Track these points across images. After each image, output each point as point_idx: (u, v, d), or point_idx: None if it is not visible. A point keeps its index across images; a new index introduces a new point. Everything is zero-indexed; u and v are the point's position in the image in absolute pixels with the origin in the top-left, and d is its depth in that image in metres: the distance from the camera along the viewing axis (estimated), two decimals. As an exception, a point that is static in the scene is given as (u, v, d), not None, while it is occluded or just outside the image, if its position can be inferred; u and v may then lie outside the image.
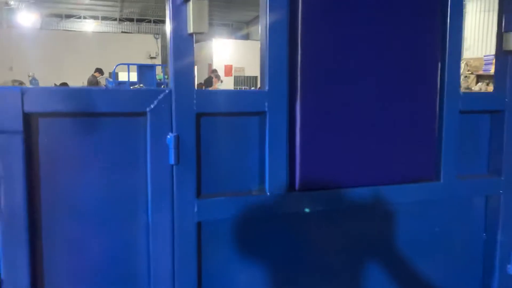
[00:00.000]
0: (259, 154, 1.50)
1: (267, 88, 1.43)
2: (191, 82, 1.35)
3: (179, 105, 1.33)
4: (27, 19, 19.12)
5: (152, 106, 1.31)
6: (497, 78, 1.79)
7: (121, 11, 21.85)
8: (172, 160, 1.33)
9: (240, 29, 24.16)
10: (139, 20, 23.14)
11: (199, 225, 1.41)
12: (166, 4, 1.33)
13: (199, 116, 1.38)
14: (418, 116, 1.64)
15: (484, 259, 1.86)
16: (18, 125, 1.20)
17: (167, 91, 1.33)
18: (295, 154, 1.49)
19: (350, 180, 1.56)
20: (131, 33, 22.43)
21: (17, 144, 1.20)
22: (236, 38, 21.98)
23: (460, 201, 1.80)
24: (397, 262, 1.73)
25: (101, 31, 21.94)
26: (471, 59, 12.29)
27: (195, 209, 1.38)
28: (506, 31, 1.73)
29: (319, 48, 1.48)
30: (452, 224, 1.81)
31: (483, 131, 1.83)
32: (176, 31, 1.31)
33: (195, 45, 1.37)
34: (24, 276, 1.24)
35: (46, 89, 1.24)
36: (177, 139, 1.33)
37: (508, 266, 1.82)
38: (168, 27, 1.32)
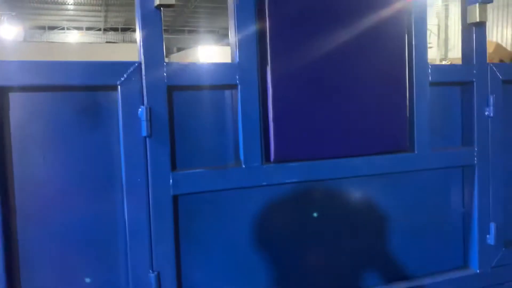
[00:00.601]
0: (233, 128, 1.51)
1: (237, 60, 1.45)
2: (160, 55, 1.36)
3: (149, 77, 1.35)
4: (9, 32, 18.98)
5: (122, 79, 1.32)
6: (465, 50, 1.84)
7: (105, 20, 21.80)
8: (144, 132, 1.34)
9: (226, 36, 24.16)
10: (124, 30, 23.11)
11: (175, 198, 1.42)
12: (133, -23, 1.35)
13: (171, 89, 1.40)
14: (388, 88, 1.67)
15: (464, 231, 1.89)
16: None
17: (136, 64, 1.34)
18: (269, 126, 1.51)
19: (325, 151, 1.59)
20: (116, 42, 22.37)
21: None
22: (222, 45, 22.01)
23: (436, 172, 1.83)
24: (375, 233, 1.75)
25: (85, 41, 21.85)
26: (455, 59, 12.46)
27: (170, 182, 1.39)
28: (469, 4, 1.78)
29: (288, 18, 1.50)
30: (430, 197, 1.84)
31: (454, 103, 1.87)
32: (143, 3, 1.33)
33: (181, 52, 1.38)
34: None
35: (16, 63, 1.25)
36: (149, 111, 1.34)
37: (488, 236, 1.85)
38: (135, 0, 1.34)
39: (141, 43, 1.34)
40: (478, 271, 1.84)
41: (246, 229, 1.55)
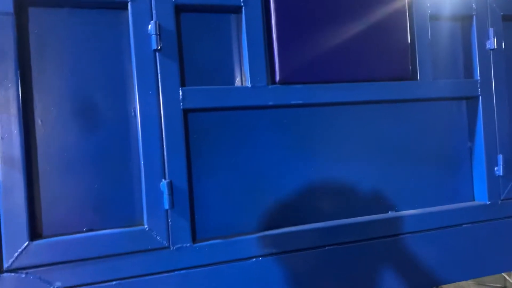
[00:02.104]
0: (238, 49, 1.58)
1: None
2: None
3: None
4: None
5: None
6: None
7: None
8: (154, 45, 1.41)
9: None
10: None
11: (185, 112, 1.48)
12: None
13: (178, 8, 1.47)
14: (390, 18, 1.72)
15: (472, 164, 1.91)
16: (8, 7, 1.29)
17: None
18: (273, 47, 1.57)
19: (329, 75, 1.64)
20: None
21: (7, 26, 1.29)
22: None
23: (440, 104, 1.86)
24: (379, 162, 1.78)
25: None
26: None
27: (180, 97, 1.46)
28: None
29: None
30: (435, 129, 1.87)
31: (455, 38, 1.91)
32: None
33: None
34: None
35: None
36: (158, 25, 1.42)
37: (496, 168, 1.86)
38: None
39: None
40: (488, 202, 1.84)
41: (252, 151, 1.60)
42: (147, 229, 1.40)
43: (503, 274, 5.30)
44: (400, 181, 1.80)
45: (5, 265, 1.26)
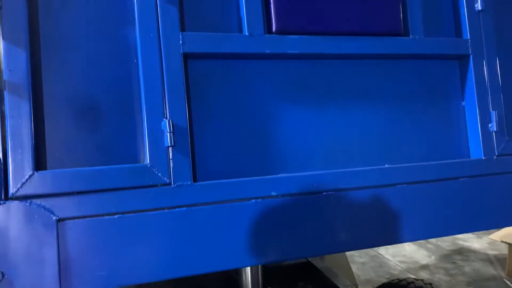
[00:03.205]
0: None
1: None
2: None
3: None
4: None
5: None
6: None
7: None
8: None
9: None
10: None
11: (185, 57, 1.54)
12: None
13: None
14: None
15: (466, 121, 1.95)
16: None
17: None
18: (269, -2, 1.64)
19: (325, 27, 1.71)
20: None
21: None
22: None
23: (433, 63, 1.92)
24: (374, 117, 1.82)
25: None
26: None
27: (180, 41, 1.52)
28: None
29: None
30: (429, 87, 1.92)
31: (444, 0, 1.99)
32: None
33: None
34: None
35: None
36: None
37: (490, 124, 1.91)
38: None
39: None
40: (483, 158, 1.88)
41: (252, 99, 1.65)
42: (149, 165, 1.44)
43: (504, 280, 5.25)
44: (395, 136, 1.84)
45: (10, 192, 1.30)
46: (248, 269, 2.34)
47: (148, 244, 1.42)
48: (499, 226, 1.94)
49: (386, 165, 1.78)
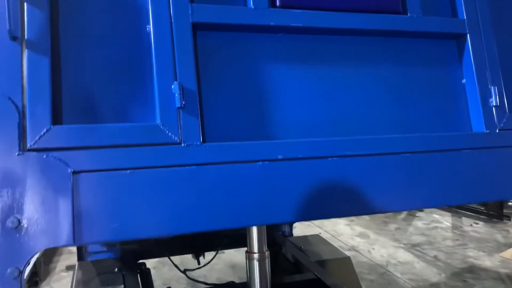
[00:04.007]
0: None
1: None
2: None
3: None
4: None
5: None
6: None
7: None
8: None
9: None
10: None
11: (194, 26, 1.62)
12: None
13: None
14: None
15: (467, 98, 2.01)
16: None
17: None
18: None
19: (327, 3, 1.80)
20: None
21: None
22: None
23: (432, 42, 2.00)
24: (379, 92, 1.89)
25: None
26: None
27: (189, 11, 1.61)
28: None
29: None
30: (429, 66, 1.99)
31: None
32: None
33: None
34: None
35: None
36: None
37: (490, 99, 1.96)
38: None
39: None
40: (485, 131, 1.92)
41: (256, 70, 1.73)
42: (160, 125, 1.50)
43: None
44: (398, 109, 1.89)
45: (29, 144, 1.36)
46: (258, 284, 2.37)
47: (158, 199, 1.45)
48: (500, 198, 1.96)
49: (391, 135, 1.83)
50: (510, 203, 9.21)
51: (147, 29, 1.58)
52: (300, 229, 7.23)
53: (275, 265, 3.77)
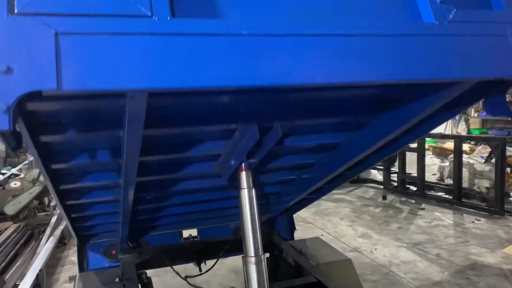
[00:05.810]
0: None
1: None
2: None
3: None
4: None
5: None
6: None
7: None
8: None
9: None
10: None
11: None
12: None
13: None
14: None
15: None
16: None
17: None
18: None
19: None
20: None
21: None
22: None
23: None
24: None
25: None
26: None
27: None
28: None
29: None
30: None
31: None
32: None
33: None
34: None
35: None
36: None
37: None
38: None
39: None
40: (436, 22, 1.89)
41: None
42: None
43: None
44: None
45: (16, 10, 1.43)
46: None
47: (134, 58, 1.55)
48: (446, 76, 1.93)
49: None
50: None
51: None
52: (302, 231, 7.26)
53: (276, 270, 3.79)
